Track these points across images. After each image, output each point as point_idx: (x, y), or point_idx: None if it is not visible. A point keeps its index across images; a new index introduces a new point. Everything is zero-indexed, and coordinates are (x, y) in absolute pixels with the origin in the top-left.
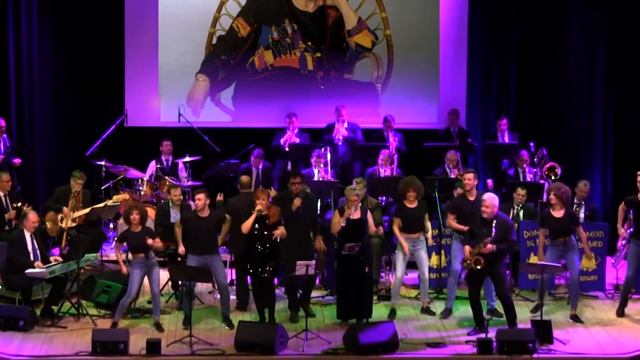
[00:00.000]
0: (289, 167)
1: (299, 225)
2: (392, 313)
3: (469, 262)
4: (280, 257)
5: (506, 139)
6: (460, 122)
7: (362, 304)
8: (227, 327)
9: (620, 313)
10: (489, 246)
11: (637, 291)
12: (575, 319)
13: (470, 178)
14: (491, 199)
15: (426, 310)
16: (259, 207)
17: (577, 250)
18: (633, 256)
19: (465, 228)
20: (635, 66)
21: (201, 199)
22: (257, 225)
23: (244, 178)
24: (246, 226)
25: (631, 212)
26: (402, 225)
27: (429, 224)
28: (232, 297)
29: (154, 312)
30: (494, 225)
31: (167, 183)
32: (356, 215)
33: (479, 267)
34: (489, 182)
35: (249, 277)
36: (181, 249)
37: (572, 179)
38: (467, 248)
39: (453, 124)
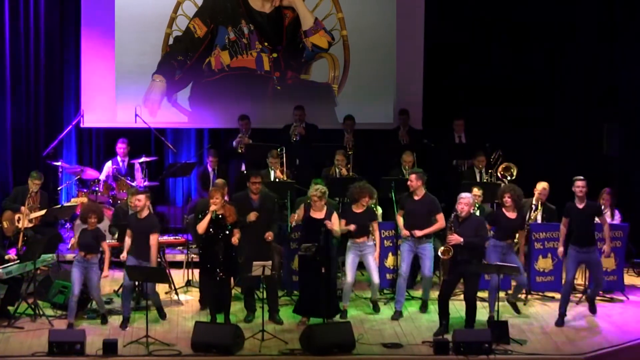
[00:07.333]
0: (242, 167)
1: (257, 226)
2: (344, 314)
3: (441, 256)
4: (240, 257)
5: (463, 139)
6: (416, 122)
7: (320, 304)
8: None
9: (560, 323)
10: (454, 236)
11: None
12: (513, 306)
13: (412, 179)
14: (469, 197)
15: (374, 305)
16: (213, 207)
17: (514, 250)
18: (572, 261)
19: (407, 232)
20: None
21: (140, 200)
22: (212, 226)
23: (219, 181)
24: (202, 226)
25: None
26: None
27: (376, 228)
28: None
29: (99, 307)
30: (469, 222)
31: (125, 184)
32: (320, 215)
33: (444, 256)
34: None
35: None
36: (123, 255)
37: (530, 180)
38: (441, 249)
39: (404, 124)
